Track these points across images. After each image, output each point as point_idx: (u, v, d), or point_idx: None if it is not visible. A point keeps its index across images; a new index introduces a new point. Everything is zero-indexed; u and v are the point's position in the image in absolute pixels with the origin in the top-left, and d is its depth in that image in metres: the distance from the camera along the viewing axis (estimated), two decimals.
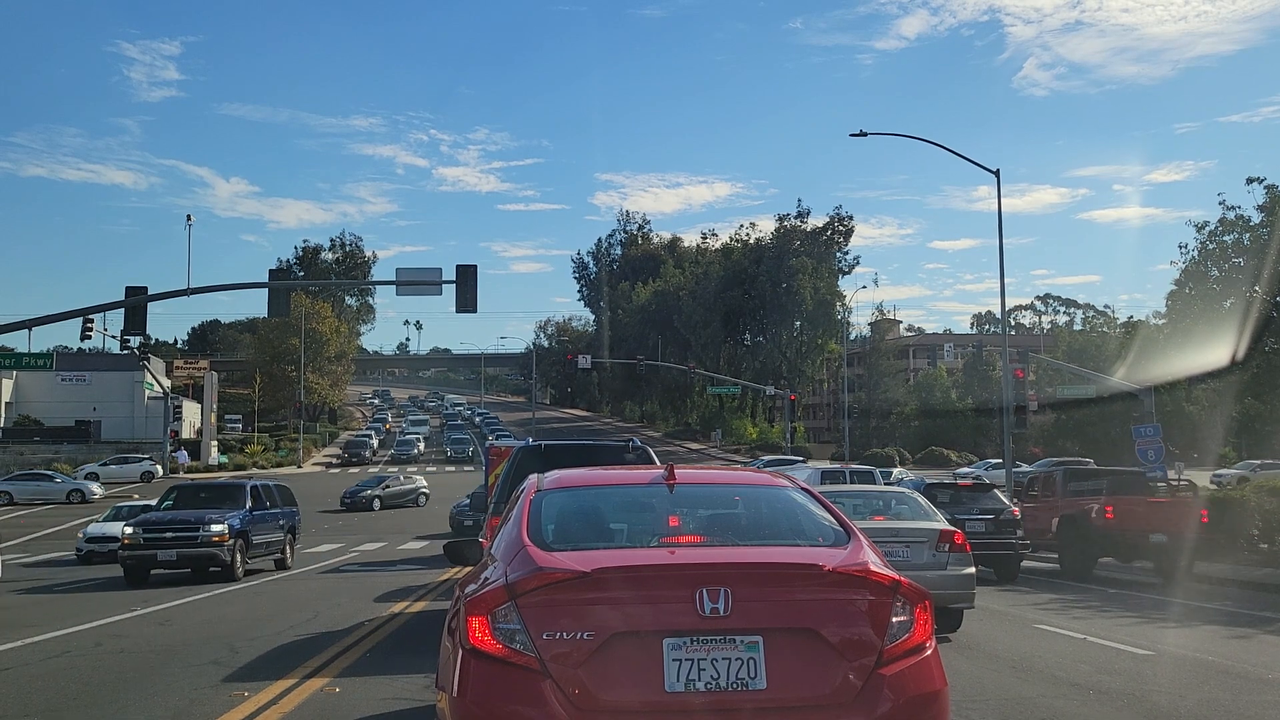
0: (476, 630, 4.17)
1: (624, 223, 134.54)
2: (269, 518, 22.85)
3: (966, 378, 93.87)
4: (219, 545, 20.27)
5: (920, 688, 4.23)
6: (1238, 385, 32.22)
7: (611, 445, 15.07)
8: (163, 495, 24.25)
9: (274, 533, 23.00)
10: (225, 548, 20.34)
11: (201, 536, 20.27)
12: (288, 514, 24.25)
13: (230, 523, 20.68)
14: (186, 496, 23.05)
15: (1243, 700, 8.36)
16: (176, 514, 21.30)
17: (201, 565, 20.48)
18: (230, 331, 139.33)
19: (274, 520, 23.14)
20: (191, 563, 20.49)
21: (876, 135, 34.63)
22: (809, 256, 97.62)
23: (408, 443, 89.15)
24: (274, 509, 23.36)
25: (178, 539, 20.33)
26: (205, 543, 20.24)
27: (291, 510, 24.68)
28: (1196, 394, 55.09)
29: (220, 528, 20.36)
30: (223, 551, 20.30)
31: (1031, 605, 15.51)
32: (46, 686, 9.00)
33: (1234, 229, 29.95)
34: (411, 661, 9.66)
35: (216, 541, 20.25)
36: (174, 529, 20.50)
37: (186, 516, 20.91)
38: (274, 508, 23.40)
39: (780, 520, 5.16)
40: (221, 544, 20.29)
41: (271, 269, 43.51)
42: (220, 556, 20.30)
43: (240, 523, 21.09)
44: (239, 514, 21.32)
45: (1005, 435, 35.67)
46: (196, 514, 20.97)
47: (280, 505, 23.89)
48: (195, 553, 20.29)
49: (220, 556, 20.30)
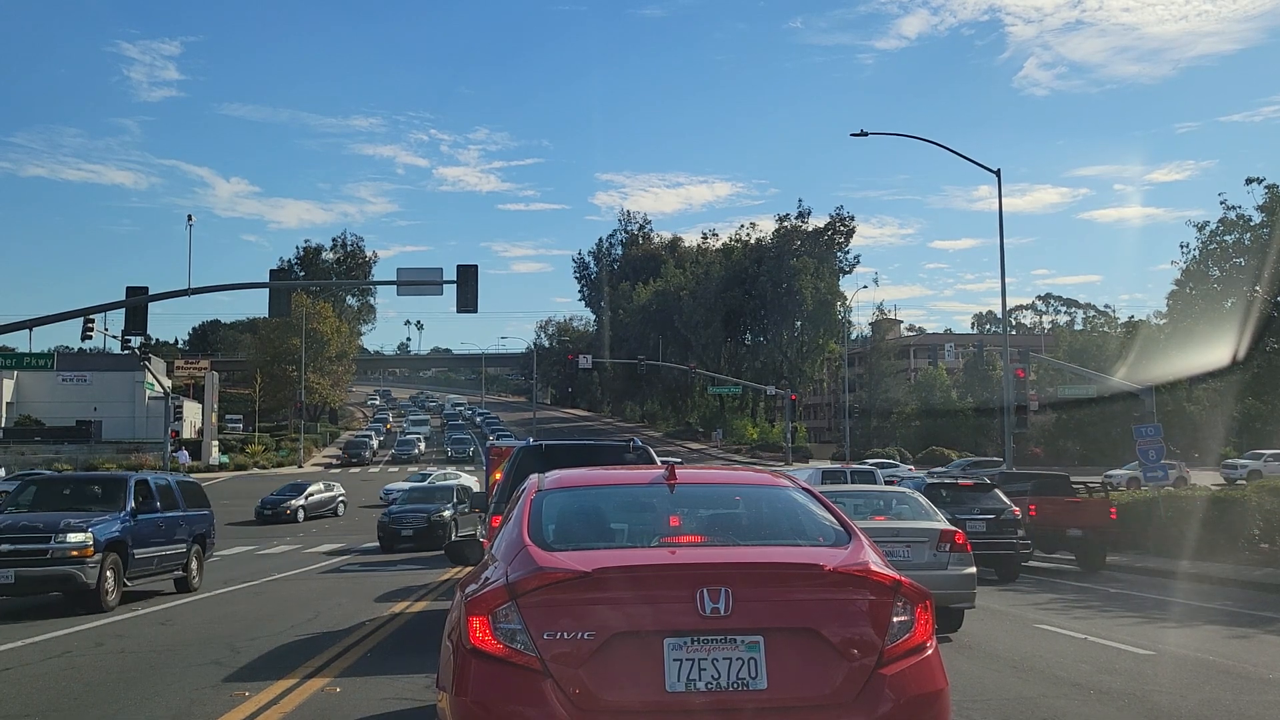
0: (477, 630, 4.17)
1: (624, 223, 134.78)
2: (164, 525, 16.94)
3: (967, 378, 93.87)
4: (78, 562, 14.41)
5: (921, 687, 4.23)
6: (1239, 385, 32.27)
7: (612, 445, 15.06)
8: (14, 490, 18.29)
9: (171, 544, 17.17)
10: (88, 565, 14.48)
11: (54, 550, 14.36)
12: (194, 519, 18.28)
13: (98, 531, 14.83)
14: (46, 493, 17.02)
15: (1244, 700, 8.35)
16: (21, 518, 15.39)
17: (50, 590, 14.66)
18: (231, 331, 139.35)
19: (171, 528, 17.20)
20: (36, 587, 14.48)
21: (877, 135, 34.71)
22: (810, 256, 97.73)
23: (408, 443, 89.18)
24: (171, 513, 17.34)
25: (17, 555, 14.27)
26: (59, 558, 14.34)
27: (200, 515, 18.80)
28: (1197, 394, 55.17)
29: (81, 538, 14.52)
30: (83, 571, 14.42)
31: (1032, 605, 15.52)
32: (48, 686, 9.00)
33: (1235, 229, 29.97)
34: (412, 661, 9.66)
35: (75, 557, 14.41)
36: (14, 539, 14.44)
37: (34, 522, 15.03)
38: (171, 510, 17.41)
39: (781, 520, 5.17)
40: (83, 560, 14.44)
41: (272, 269, 43.49)
42: (79, 578, 14.39)
43: (118, 531, 15.36)
44: (114, 519, 15.50)
45: (1006, 435, 35.67)
46: (50, 519, 15.06)
47: (182, 508, 17.93)
48: (42, 573, 14.30)
49: (79, 578, 14.39)
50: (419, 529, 30.11)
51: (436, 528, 30.13)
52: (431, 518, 30.51)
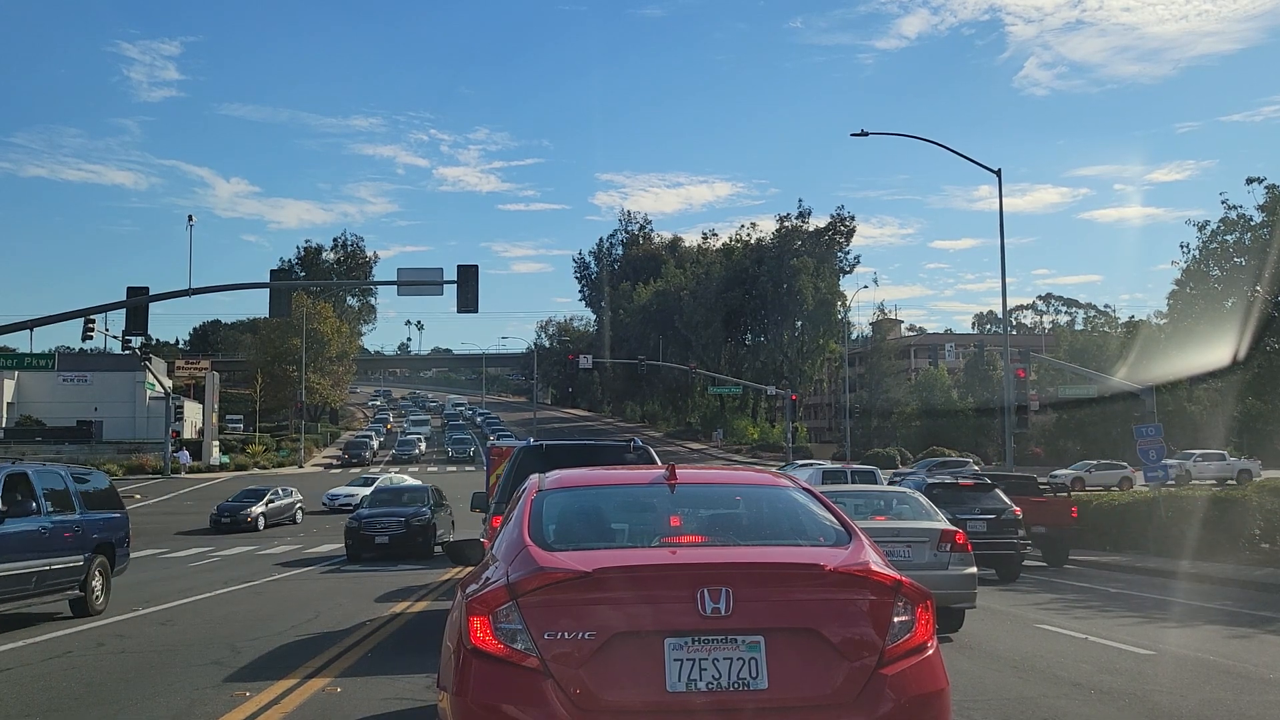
0: (478, 630, 4.17)
1: (625, 223, 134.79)
2: (47, 533, 13.36)
3: (968, 377, 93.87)
4: None
5: (922, 687, 4.23)
6: (1239, 385, 32.22)
7: (613, 445, 15.08)
8: None
9: (59, 555, 13.57)
10: None
11: None
12: (95, 524, 14.72)
13: None
14: None
15: (1244, 700, 8.36)
16: None
17: None
18: (232, 332, 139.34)
19: (58, 536, 13.61)
20: None
21: (877, 135, 34.71)
22: (810, 256, 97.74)
23: (409, 443, 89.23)
24: (60, 515, 13.80)
25: None
26: None
27: (107, 519, 15.22)
28: (1198, 394, 55.35)
29: None
30: None
31: (1033, 605, 15.52)
32: (49, 686, 9.01)
33: (1235, 229, 29.95)
34: (413, 661, 9.67)
35: None
36: None
37: None
38: (61, 513, 13.85)
39: (781, 520, 5.17)
40: None
41: (273, 269, 43.61)
42: None
43: None
44: None
45: (1007, 435, 35.68)
46: None
47: (79, 510, 14.36)
48: None
49: None
50: (396, 535, 26.64)
51: (417, 533, 26.92)
52: (412, 521, 27.04)
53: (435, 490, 31.34)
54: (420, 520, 27.32)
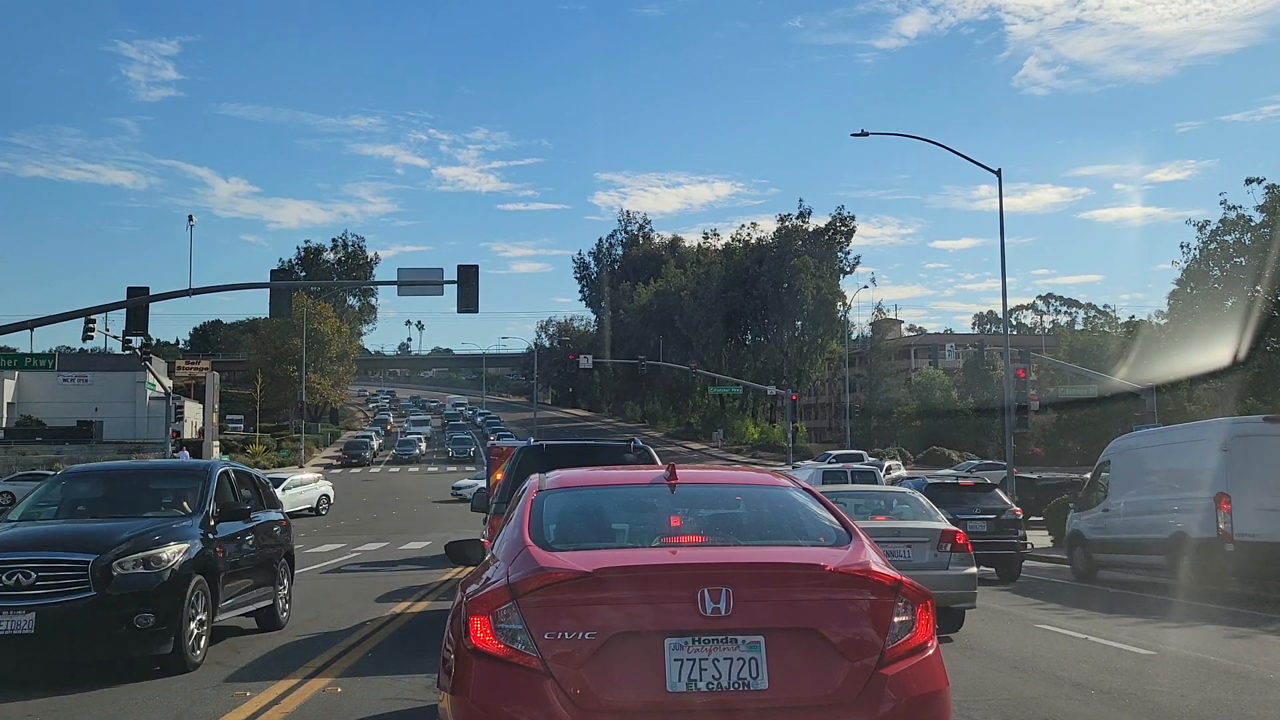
0: (478, 630, 4.17)
1: (625, 223, 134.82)
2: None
3: (968, 377, 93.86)
4: None
5: (922, 688, 4.23)
6: (1239, 384, 32.25)
7: (613, 445, 15.10)
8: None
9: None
10: None
11: None
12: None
13: None
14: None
15: (1245, 700, 8.36)
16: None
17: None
18: (232, 332, 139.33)
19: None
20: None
21: (877, 135, 34.67)
22: (810, 256, 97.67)
23: (409, 443, 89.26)
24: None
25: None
26: None
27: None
28: (1198, 393, 55.15)
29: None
30: None
31: (1033, 605, 15.51)
32: (49, 686, 9.00)
33: (1235, 229, 30.00)
34: (413, 661, 9.66)
35: None
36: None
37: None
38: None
39: (782, 520, 5.17)
40: None
41: (273, 269, 43.70)
42: None
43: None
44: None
45: (1007, 435, 35.65)
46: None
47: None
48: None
49: None
50: None
51: None
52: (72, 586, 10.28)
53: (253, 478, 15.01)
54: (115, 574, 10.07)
